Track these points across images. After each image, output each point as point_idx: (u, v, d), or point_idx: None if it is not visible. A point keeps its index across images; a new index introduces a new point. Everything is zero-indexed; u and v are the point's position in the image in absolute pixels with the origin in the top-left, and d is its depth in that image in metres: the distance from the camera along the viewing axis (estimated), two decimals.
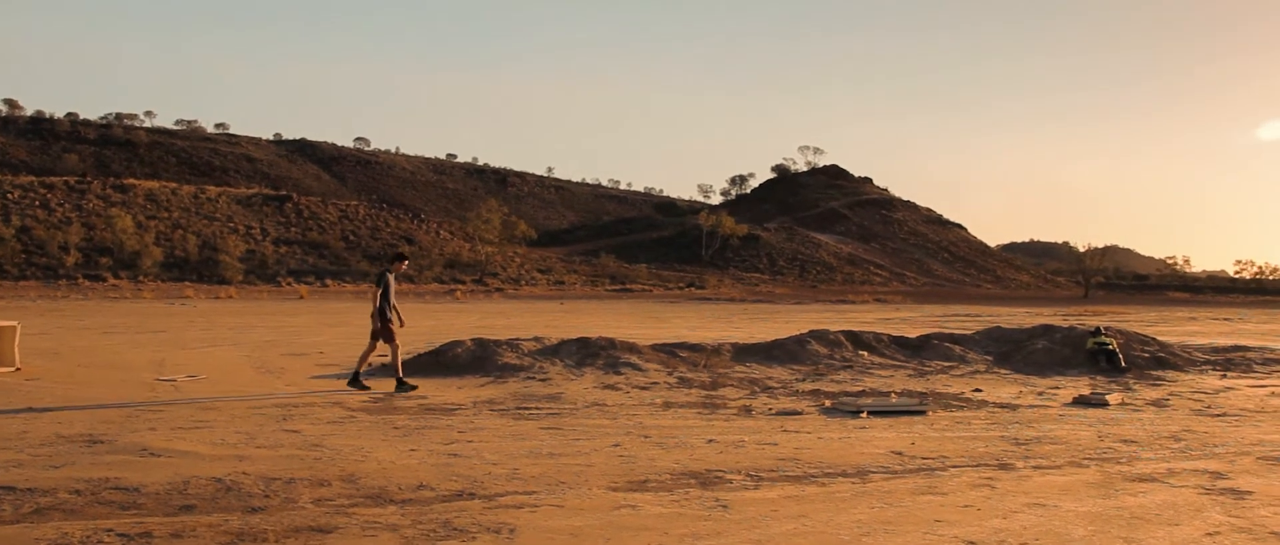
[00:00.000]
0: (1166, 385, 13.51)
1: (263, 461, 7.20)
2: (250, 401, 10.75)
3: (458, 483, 6.58)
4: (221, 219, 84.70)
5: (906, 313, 45.23)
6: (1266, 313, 51.68)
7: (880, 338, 17.15)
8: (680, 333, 24.00)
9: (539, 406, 10.54)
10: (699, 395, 11.70)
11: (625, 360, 14.39)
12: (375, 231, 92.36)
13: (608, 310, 43.33)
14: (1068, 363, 15.55)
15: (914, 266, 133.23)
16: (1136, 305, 66.59)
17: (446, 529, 5.41)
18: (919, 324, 30.92)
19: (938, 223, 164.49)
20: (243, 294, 57.64)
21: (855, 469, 7.21)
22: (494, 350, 14.48)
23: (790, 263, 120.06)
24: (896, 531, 5.46)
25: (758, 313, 43.13)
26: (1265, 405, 11.34)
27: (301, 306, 42.73)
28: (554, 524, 5.55)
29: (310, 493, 6.24)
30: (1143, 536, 5.41)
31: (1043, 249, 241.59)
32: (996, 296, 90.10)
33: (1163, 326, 31.95)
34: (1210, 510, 6.05)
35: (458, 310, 41.11)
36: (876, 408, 10.39)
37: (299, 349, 18.28)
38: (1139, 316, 42.11)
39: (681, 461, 7.42)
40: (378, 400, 10.96)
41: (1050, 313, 45.47)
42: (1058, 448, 8.27)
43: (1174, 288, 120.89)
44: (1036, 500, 6.25)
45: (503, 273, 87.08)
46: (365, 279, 73.68)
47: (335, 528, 5.41)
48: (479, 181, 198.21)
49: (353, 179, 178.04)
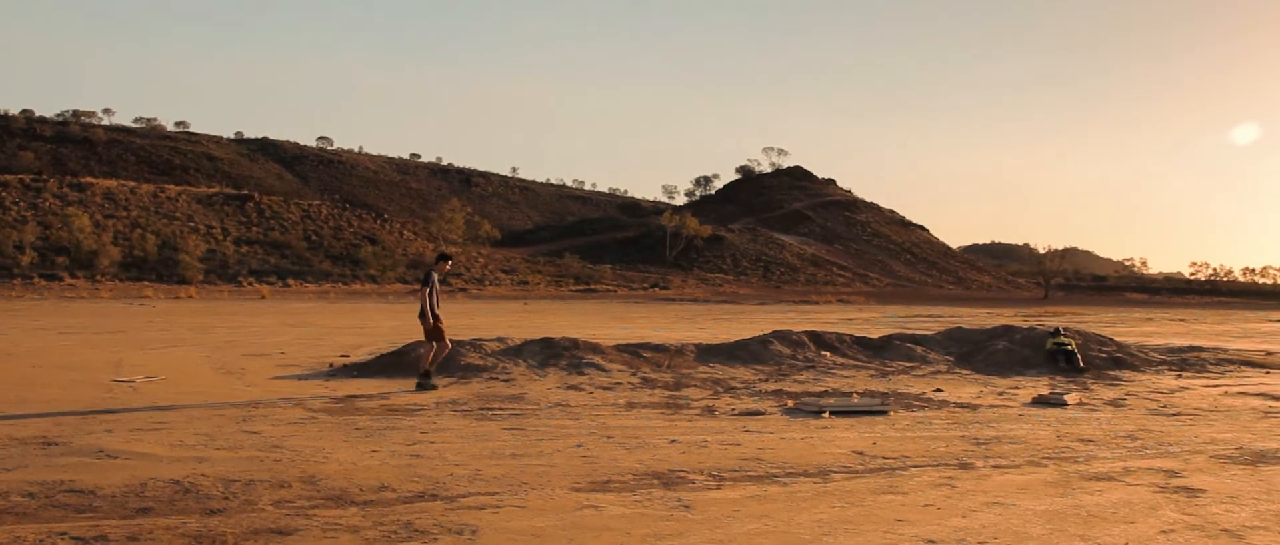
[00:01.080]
0: (1123, 385, 13.69)
1: (222, 463, 7.12)
2: (210, 403, 10.63)
3: (420, 484, 6.55)
4: (181, 218, 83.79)
5: (869, 313, 45.54)
6: (1220, 314, 52.53)
7: (843, 338, 17.25)
8: (644, 333, 24.01)
9: (502, 407, 10.51)
10: (662, 396, 11.71)
11: (589, 361, 14.38)
12: (338, 231, 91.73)
13: (572, 311, 43.28)
14: (1027, 363, 15.71)
15: (877, 267, 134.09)
16: (1095, 306, 67.48)
17: (408, 530, 5.38)
18: (881, 325, 31.14)
19: (900, 224, 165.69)
20: (203, 294, 57.05)
21: (817, 469, 7.25)
22: (457, 351, 14.42)
23: (754, 263, 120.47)
24: (857, 531, 5.49)
25: (721, 313, 43.25)
26: (1218, 405, 11.51)
27: (263, 307, 42.33)
28: (516, 525, 5.54)
29: (270, 494, 6.18)
30: (1099, 534, 5.47)
31: (1004, 251, 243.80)
32: (958, 297, 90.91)
33: (1120, 327, 32.39)
34: (1164, 508, 6.13)
35: None
36: (838, 408, 10.45)
37: (260, 350, 18.11)
38: (1097, 317, 42.66)
39: (644, 462, 7.42)
40: (340, 402, 10.88)
41: (1011, 313, 45.97)
42: (1017, 447, 8.36)
43: (1131, 289, 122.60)
44: (996, 499, 6.31)
45: (466, 273, 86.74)
46: (328, 279, 73.20)
47: (295, 529, 5.36)
48: (443, 181, 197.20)
49: (315, 178, 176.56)
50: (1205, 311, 57.24)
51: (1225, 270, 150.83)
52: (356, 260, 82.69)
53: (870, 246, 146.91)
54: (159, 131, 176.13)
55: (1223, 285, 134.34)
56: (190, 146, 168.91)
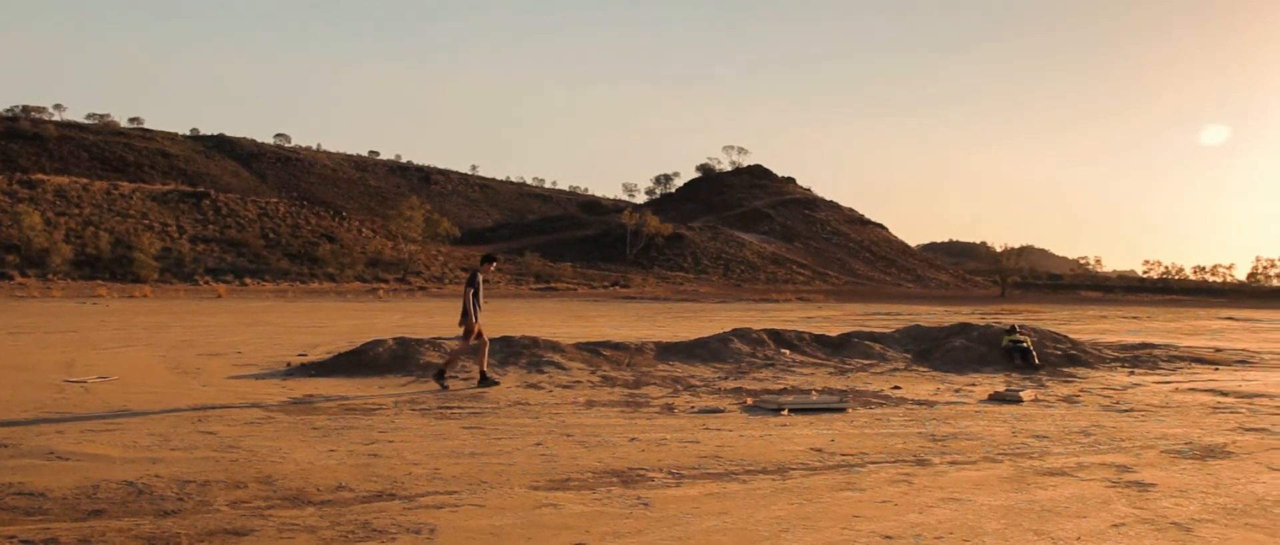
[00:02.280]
0: (1077, 382, 13.87)
1: (177, 464, 7.04)
2: (164, 403, 10.49)
3: (378, 483, 6.51)
4: (135, 216, 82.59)
5: (828, 311, 45.80)
6: (1172, 311, 53.36)
7: (802, 336, 17.33)
8: (604, 331, 24.01)
9: (461, 405, 10.46)
10: (622, 394, 11.72)
11: (548, 359, 14.35)
12: (295, 230, 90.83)
13: (532, 309, 43.15)
14: (984, 360, 15.88)
15: (836, 265, 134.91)
16: (1051, 304, 68.30)
17: (366, 530, 5.34)
18: (840, 322, 31.33)
19: (859, 222, 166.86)
20: (158, 293, 56.26)
21: (776, 466, 7.28)
22: (416, 349, 14.34)
23: (714, 262, 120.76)
24: (815, 527, 5.52)
25: (682, 311, 43.31)
26: (1169, 401, 11.70)
27: (219, 306, 41.81)
28: (475, 524, 5.52)
29: (226, 495, 6.12)
30: (1052, 529, 5.54)
31: (962, 249, 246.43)
32: (916, 295, 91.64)
33: (1075, 325, 32.80)
34: (1116, 502, 6.23)
35: (380, 309, 40.58)
36: (797, 405, 10.50)
37: (216, 349, 17.90)
38: (1052, 315, 43.20)
39: (604, 460, 7.42)
40: (297, 402, 10.78)
41: (968, 311, 46.42)
42: (973, 443, 8.45)
43: (1086, 287, 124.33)
44: (952, 495, 6.37)
45: (426, 271, 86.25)
46: (285, 277, 72.50)
47: (251, 530, 5.31)
48: (402, 179, 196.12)
49: (273, 176, 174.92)
50: (1157, 309, 58.12)
51: (1177, 269, 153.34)
52: (315, 258, 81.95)
53: (830, 245, 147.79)
54: (112, 128, 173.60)
55: (1174, 283, 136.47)
56: (144, 143, 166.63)
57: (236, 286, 65.99)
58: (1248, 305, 73.86)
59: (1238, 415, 10.46)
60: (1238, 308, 64.43)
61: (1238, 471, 7.31)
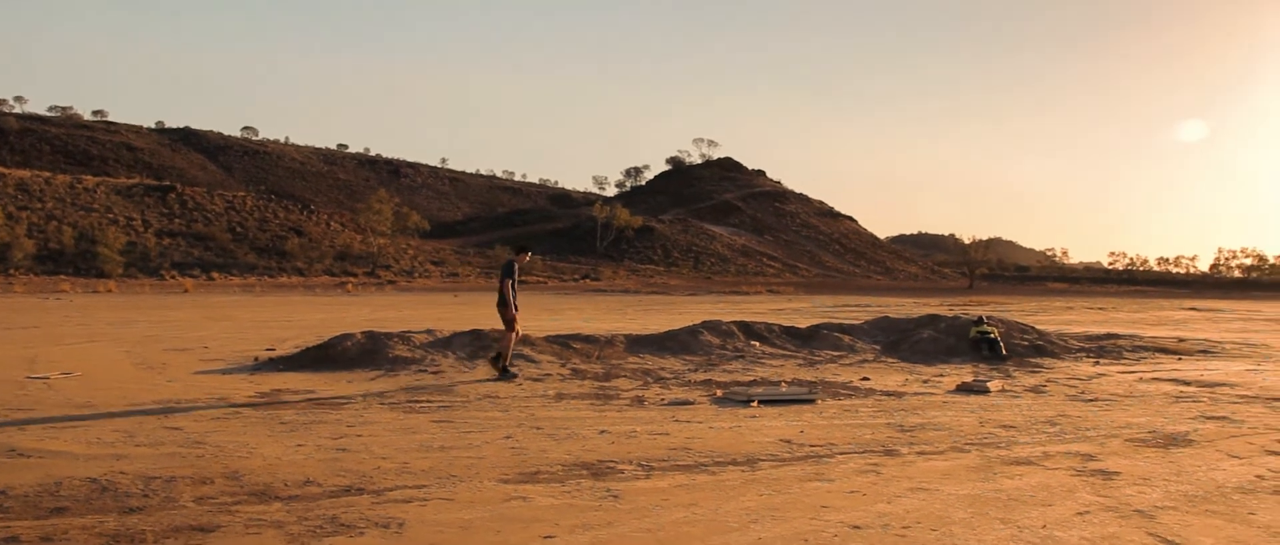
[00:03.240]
0: (1044, 372, 14.00)
1: (142, 460, 6.96)
2: (129, 399, 10.38)
3: (346, 478, 6.47)
4: (100, 210, 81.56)
5: (798, 303, 45.97)
6: (1137, 302, 53.94)
7: (772, 328, 17.38)
8: (574, 324, 23.99)
9: (430, 399, 10.42)
10: (592, 386, 11.71)
11: (518, 352, 14.32)
12: (263, 223, 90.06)
13: None
14: (952, 351, 15.99)
15: (806, 258, 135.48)
16: (1018, 295, 68.82)
17: (333, 525, 5.31)
18: (810, 314, 31.47)
19: (829, 215, 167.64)
20: (123, 288, 55.63)
21: (745, 457, 7.30)
22: (385, 343, 14.26)
23: (685, 254, 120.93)
24: (784, 518, 5.55)
25: (652, 304, 43.32)
26: (1133, 390, 11.83)
27: (186, 300, 41.41)
28: (444, 517, 5.50)
29: (192, 491, 6.06)
30: (1018, 517, 5.60)
31: (930, 241, 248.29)
32: (885, 287, 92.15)
33: (1042, 316, 33.11)
34: (1081, 491, 6.29)
35: (349, 303, 40.35)
36: (767, 397, 10.53)
37: (182, 344, 17.73)
38: (1020, 306, 43.57)
39: (573, 453, 7.42)
40: (264, 397, 10.69)
41: (936, 303, 46.71)
42: (941, 434, 8.50)
43: (1053, 279, 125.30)
44: (919, 485, 6.42)
45: (395, 265, 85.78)
46: (253, 272, 71.94)
47: (217, 526, 5.26)
48: (371, 172, 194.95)
49: (240, 169, 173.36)
50: (1122, 300, 58.75)
51: (1142, 260, 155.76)
52: (283, 252, 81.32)
53: (799, 237, 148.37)
54: (75, 120, 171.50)
55: (1139, 275, 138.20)
56: (108, 136, 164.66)
57: (203, 281, 65.36)
58: (1210, 296, 74.80)
59: (1200, 404, 10.60)
60: (1200, 298, 65.27)
61: (1199, 459, 7.41)
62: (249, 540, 5.04)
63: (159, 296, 45.92)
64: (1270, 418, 9.66)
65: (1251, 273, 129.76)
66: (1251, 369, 14.69)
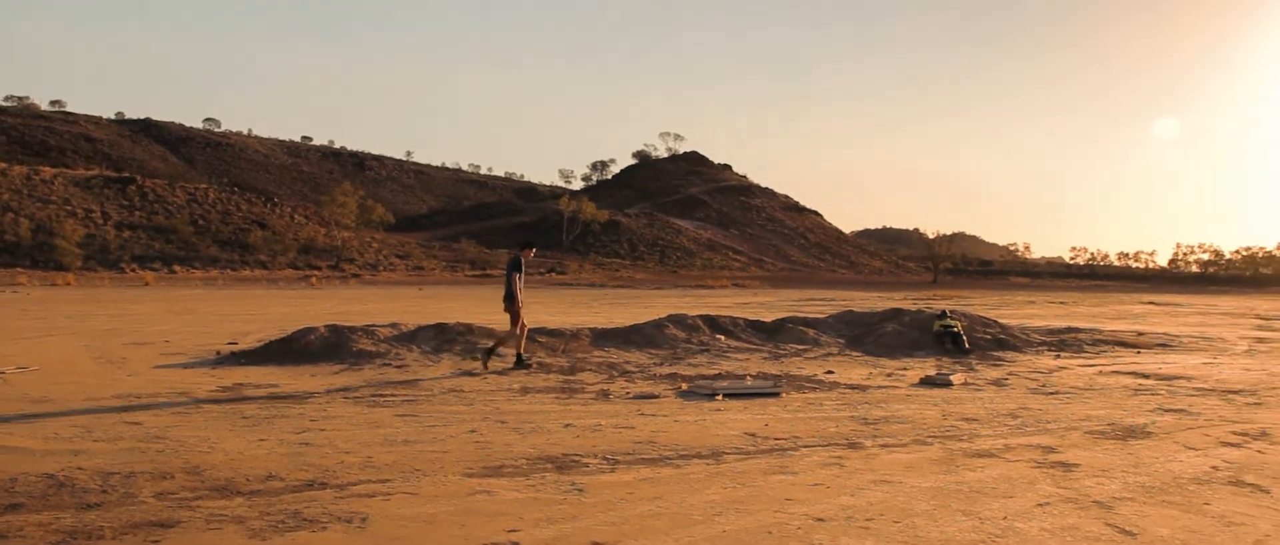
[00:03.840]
0: (1006, 365, 14.14)
1: (100, 456, 6.87)
2: (88, 393, 10.23)
3: (309, 472, 6.42)
4: (58, 202, 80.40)
5: (764, 297, 46.13)
6: (1097, 297, 54.61)
7: (737, 322, 17.43)
8: (540, 318, 23.93)
9: (394, 393, 10.37)
10: (557, 380, 11.70)
11: (483, 346, 14.27)
12: (226, 216, 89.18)
13: (467, 296, 42.87)
14: (916, 345, 16.11)
15: (772, 252, 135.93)
16: (981, 290, 69.50)
17: (296, 519, 5.27)
18: (775, 308, 31.57)
19: (795, 209, 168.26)
20: (82, 281, 54.87)
21: (710, 451, 7.32)
22: (349, 337, 14.16)
23: (651, 248, 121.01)
24: (748, 511, 5.57)
25: (618, 298, 43.34)
26: (1093, 383, 11.98)
27: (147, 294, 40.92)
28: (407, 512, 5.47)
29: (152, 486, 5.99)
30: (980, 509, 5.65)
31: (895, 236, 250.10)
32: (850, 281, 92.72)
33: (1004, 310, 33.44)
34: (1042, 482, 6.36)
35: (313, 297, 40.04)
36: (732, 390, 10.56)
37: (143, 338, 17.52)
38: (982, 300, 43.98)
39: (538, 446, 7.40)
40: (227, 391, 10.59)
41: (900, 297, 47.05)
42: (904, 427, 8.57)
43: (1015, 273, 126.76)
44: (883, 477, 6.46)
45: (360, 258, 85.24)
46: (216, 265, 71.23)
47: (178, 522, 5.21)
48: (335, 165, 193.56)
49: (202, 161, 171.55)
50: (1083, 294, 59.47)
51: (1102, 255, 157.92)
52: (246, 245, 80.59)
53: (765, 231, 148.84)
54: (32, 110, 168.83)
55: (1100, 269, 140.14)
56: (66, 127, 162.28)
57: (165, 274, 64.67)
58: (1168, 290, 75.97)
59: (1157, 397, 10.75)
60: (1159, 293, 66.25)
61: (1157, 451, 7.51)
62: (210, 536, 4.99)
63: (119, 290, 45.35)
64: (1225, 410, 9.82)
65: (1208, 268, 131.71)
66: (1208, 362, 14.92)
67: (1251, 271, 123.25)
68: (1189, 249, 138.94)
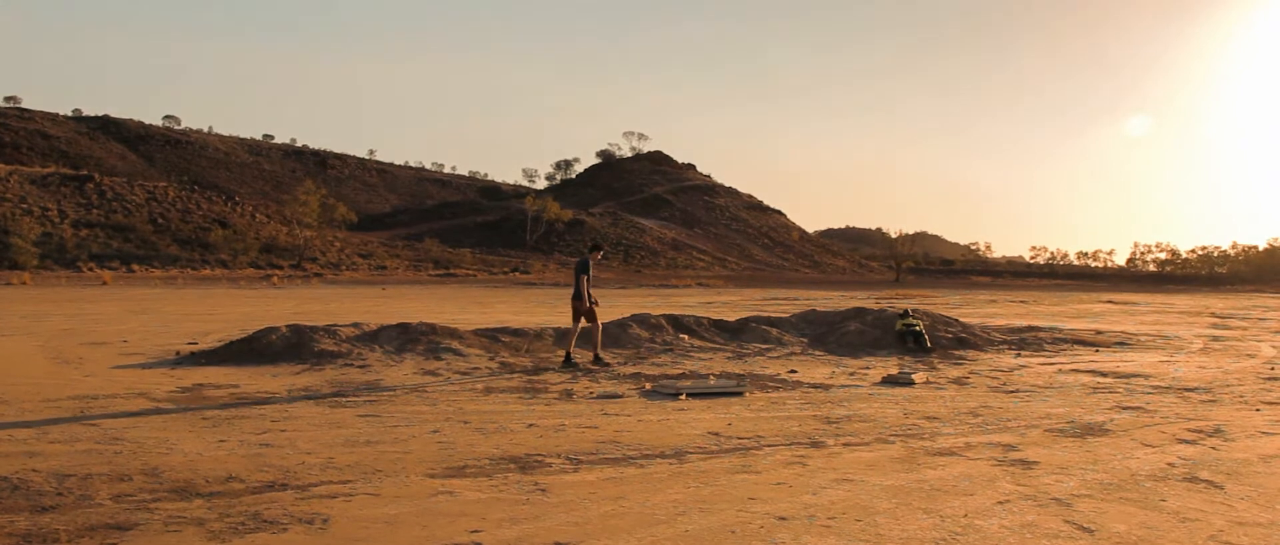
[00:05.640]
0: (967, 364, 14.26)
1: (56, 457, 6.77)
2: (43, 394, 10.07)
3: (269, 473, 6.36)
4: (13, 199, 79.12)
5: (727, 297, 46.23)
6: (1057, 295, 55.21)
7: (701, 321, 17.46)
8: (503, 318, 23.87)
9: (357, 394, 10.30)
10: (521, 380, 11.67)
11: (446, 345, 14.21)
12: (186, 214, 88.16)
13: (430, 295, 42.66)
14: (878, 344, 16.21)
15: (736, 251, 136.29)
16: (943, 289, 70.07)
17: (256, 521, 5.22)
18: (739, 307, 31.65)
19: (758, 209, 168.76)
20: (38, 281, 54.03)
21: (673, 450, 7.32)
22: (310, 337, 14.05)
23: (615, 248, 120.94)
24: (711, 510, 5.57)
25: None
26: (1053, 382, 12.11)
27: (104, 293, 40.36)
28: (369, 513, 5.43)
29: (109, 488, 5.91)
30: (940, 507, 5.69)
31: (858, 235, 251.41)
32: (814, 281, 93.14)
33: (966, 309, 33.72)
34: (1002, 480, 6.42)
35: (274, 296, 39.66)
36: (695, 389, 10.58)
37: (100, 338, 17.28)
38: (944, 299, 44.34)
39: (501, 446, 7.38)
40: (186, 392, 10.47)
41: (863, 296, 47.35)
42: (866, 425, 8.62)
43: (977, 272, 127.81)
44: (845, 476, 6.49)
45: (322, 257, 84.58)
46: (175, 264, 70.48)
47: (135, 524, 5.13)
48: (297, 163, 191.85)
49: (161, 159, 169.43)
50: (1043, 293, 60.12)
51: (1062, 254, 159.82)
52: (206, 244, 79.70)
53: (729, 231, 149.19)
54: None
55: (1060, 268, 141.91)
56: (22, 124, 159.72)
57: (123, 273, 63.79)
58: (1127, 289, 76.95)
59: (1115, 395, 10.89)
60: (1117, 292, 67.06)
61: (1115, 448, 7.60)
62: (169, 538, 4.93)
63: (76, 289, 44.69)
64: (1181, 407, 9.96)
65: (1165, 267, 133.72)
66: (1164, 360, 15.13)
67: (1207, 270, 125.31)
68: (1146, 248, 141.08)
